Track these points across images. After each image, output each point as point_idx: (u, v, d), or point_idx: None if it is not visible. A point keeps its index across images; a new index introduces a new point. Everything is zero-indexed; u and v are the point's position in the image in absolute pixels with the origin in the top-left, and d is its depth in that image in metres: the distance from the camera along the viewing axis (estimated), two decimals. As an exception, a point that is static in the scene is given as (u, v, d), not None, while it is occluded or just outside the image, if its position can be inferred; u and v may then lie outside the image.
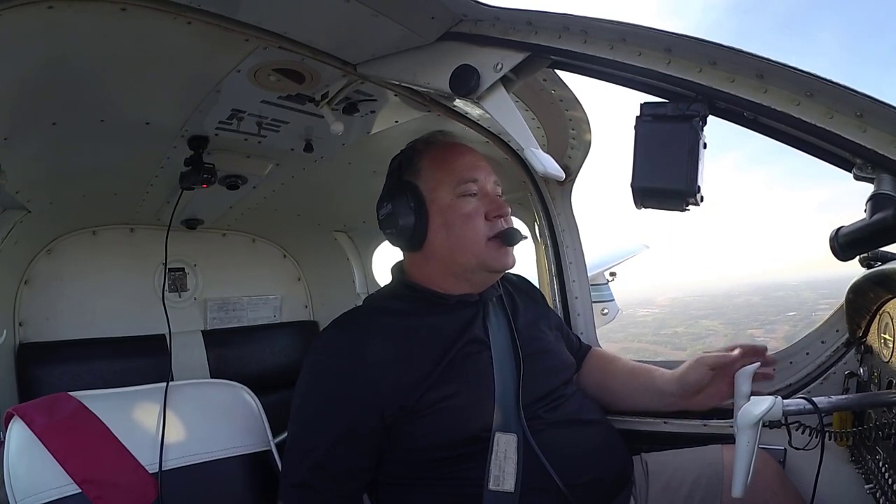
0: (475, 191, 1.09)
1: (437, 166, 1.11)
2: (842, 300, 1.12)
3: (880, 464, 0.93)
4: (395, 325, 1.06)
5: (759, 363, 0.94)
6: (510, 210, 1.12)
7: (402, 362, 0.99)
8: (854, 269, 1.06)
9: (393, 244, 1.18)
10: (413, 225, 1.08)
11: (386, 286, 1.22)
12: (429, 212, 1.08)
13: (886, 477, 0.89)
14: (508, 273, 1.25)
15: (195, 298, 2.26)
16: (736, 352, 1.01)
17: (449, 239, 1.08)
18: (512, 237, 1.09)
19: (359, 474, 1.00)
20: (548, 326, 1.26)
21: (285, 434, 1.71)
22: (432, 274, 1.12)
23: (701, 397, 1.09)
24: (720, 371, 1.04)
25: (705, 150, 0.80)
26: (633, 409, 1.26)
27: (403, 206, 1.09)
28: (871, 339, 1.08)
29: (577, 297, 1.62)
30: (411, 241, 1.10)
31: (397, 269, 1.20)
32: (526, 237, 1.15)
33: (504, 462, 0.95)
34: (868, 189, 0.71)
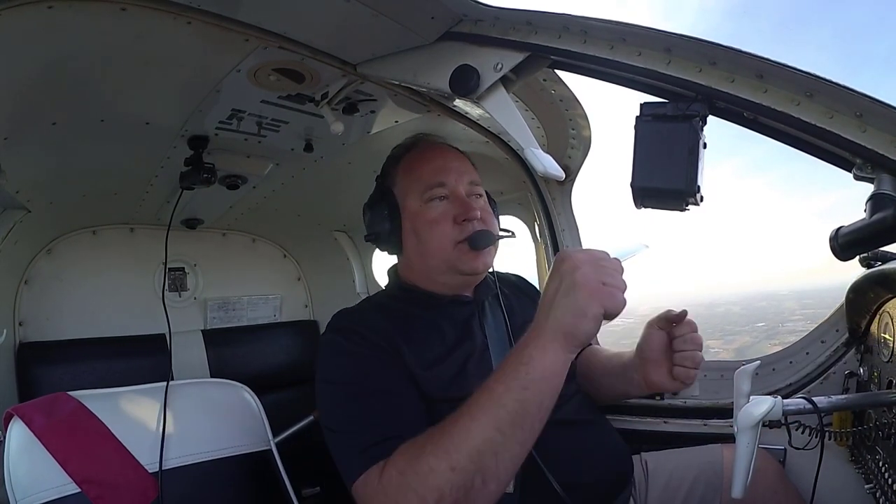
0: (443, 194, 1.07)
1: (407, 172, 1.12)
2: (821, 310, 1.12)
3: (880, 464, 0.93)
4: (397, 314, 1.06)
5: (758, 362, 0.94)
6: (480, 212, 1.06)
7: (408, 344, 0.98)
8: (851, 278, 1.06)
9: (379, 249, 1.20)
10: (388, 231, 1.11)
11: (383, 289, 1.24)
12: (402, 218, 1.10)
13: (886, 477, 0.89)
14: (506, 273, 1.25)
15: (195, 298, 2.25)
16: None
17: (419, 245, 1.09)
18: (478, 241, 1.05)
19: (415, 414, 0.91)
20: None
21: (285, 433, 1.70)
22: (418, 276, 1.13)
23: (657, 375, 1.04)
24: (667, 344, 1.03)
25: (705, 150, 0.80)
26: (614, 397, 1.23)
27: (379, 213, 1.12)
28: (871, 338, 1.08)
29: (577, 297, 1.62)
30: (389, 246, 1.15)
31: (392, 272, 1.22)
32: (498, 238, 1.12)
33: None
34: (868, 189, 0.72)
